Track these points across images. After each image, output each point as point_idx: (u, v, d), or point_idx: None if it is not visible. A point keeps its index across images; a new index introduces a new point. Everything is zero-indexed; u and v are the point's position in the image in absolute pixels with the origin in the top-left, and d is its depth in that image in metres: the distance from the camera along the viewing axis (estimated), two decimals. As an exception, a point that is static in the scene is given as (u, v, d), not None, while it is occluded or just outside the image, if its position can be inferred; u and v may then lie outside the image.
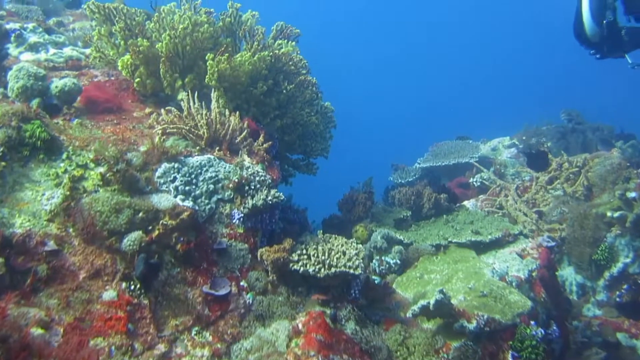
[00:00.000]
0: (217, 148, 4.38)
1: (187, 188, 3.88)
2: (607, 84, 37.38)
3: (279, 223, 4.89)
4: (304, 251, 4.03)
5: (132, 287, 3.31)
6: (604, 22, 5.22)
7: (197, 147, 4.30)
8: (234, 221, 4.03)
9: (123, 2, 5.29)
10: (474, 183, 8.42)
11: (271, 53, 5.20)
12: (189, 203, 3.81)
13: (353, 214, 6.12)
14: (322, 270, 3.89)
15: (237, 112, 4.60)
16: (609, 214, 5.81)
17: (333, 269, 3.89)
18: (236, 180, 4.08)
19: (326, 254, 3.98)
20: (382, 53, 51.66)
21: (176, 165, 3.97)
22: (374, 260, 5.22)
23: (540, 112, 11.48)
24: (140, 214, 3.46)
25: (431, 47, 50.65)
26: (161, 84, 4.81)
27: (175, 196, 3.81)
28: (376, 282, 4.49)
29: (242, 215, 4.05)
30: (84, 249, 3.32)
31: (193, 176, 3.98)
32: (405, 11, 49.46)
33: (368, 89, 49.83)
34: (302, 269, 3.90)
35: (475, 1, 46.94)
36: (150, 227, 3.49)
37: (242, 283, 3.85)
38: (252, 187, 4.16)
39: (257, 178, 4.22)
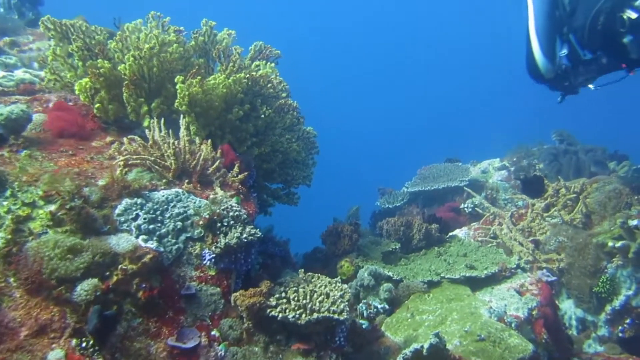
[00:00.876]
0: (187, 180, 3.96)
1: (151, 226, 3.46)
2: (598, 104, 37.68)
3: (258, 258, 4.53)
4: (283, 294, 3.67)
5: (84, 344, 2.88)
6: (560, 58, 5.02)
7: (164, 180, 3.87)
8: (204, 262, 3.61)
9: (84, 19, 4.90)
10: (466, 209, 8.14)
11: (248, 75, 4.80)
12: (152, 244, 3.39)
13: (338, 248, 5.73)
14: (304, 315, 3.52)
15: (210, 140, 4.20)
16: (610, 243, 5.52)
17: (315, 315, 3.53)
18: (207, 216, 3.68)
19: (308, 297, 3.63)
20: (368, 72, 51.97)
21: (139, 200, 3.56)
22: (361, 304, 4.80)
23: (532, 132, 11.31)
24: (96, 258, 3.05)
25: (417, 65, 50.97)
26: (125, 109, 4.39)
27: (137, 236, 3.39)
28: (363, 326, 4.11)
29: (214, 255, 3.63)
30: (27, 301, 2.89)
31: (158, 213, 3.57)
32: (391, 30, 49.94)
33: (354, 109, 49.99)
34: (280, 315, 3.52)
35: (462, 20, 47.46)
36: (107, 273, 3.09)
37: (213, 332, 3.43)
38: (225, 224, 3.75)
39: (231, 213, 3.81)
